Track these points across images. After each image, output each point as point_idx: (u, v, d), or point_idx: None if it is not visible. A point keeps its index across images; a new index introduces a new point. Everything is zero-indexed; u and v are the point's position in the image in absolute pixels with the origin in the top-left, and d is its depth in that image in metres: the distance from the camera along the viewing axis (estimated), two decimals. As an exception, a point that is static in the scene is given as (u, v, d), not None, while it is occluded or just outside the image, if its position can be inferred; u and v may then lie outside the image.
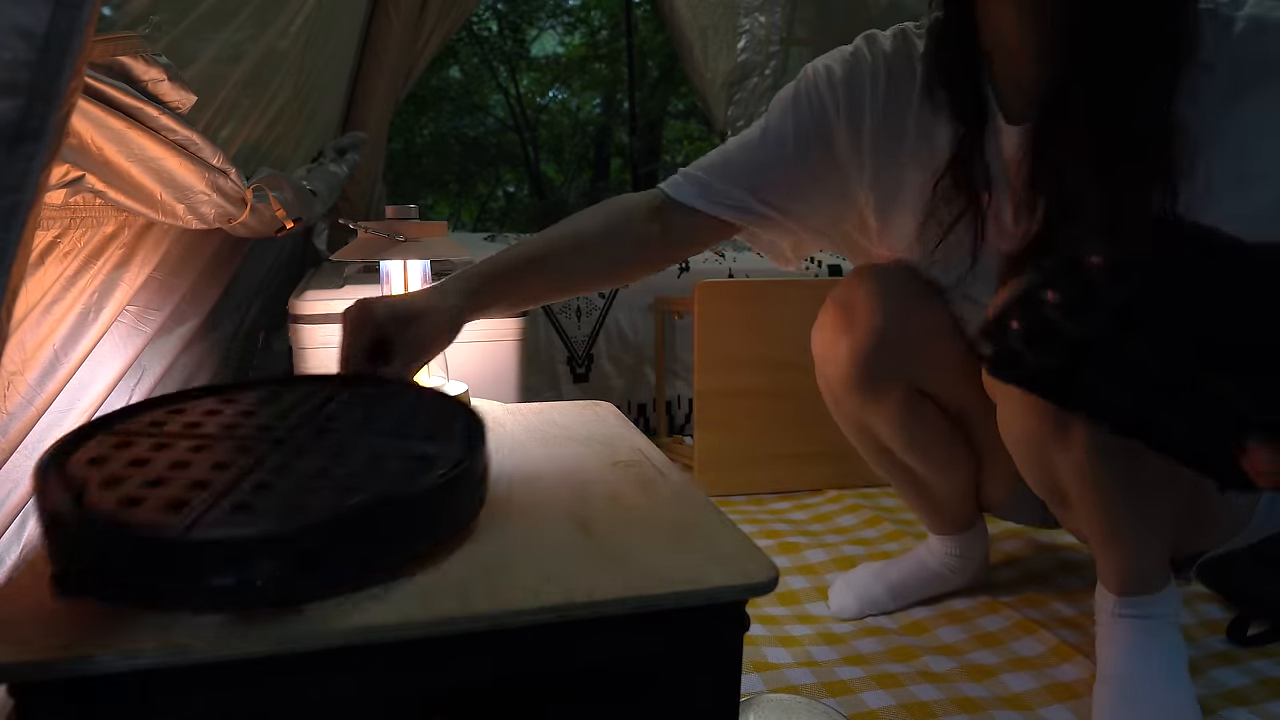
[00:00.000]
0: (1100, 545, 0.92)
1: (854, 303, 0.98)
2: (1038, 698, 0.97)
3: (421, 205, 1.20)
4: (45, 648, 0.43)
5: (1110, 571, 0.92)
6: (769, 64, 3.02)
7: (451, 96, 6.72)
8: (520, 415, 0.91)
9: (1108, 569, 0.93)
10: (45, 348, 0.94)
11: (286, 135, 1.59)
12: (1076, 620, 1.13)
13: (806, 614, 1.19)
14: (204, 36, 1.23)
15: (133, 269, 1.10)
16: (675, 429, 2.18)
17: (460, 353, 1.26)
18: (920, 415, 1.04)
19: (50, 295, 0.95)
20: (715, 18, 2.96)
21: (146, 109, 0.94)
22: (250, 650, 0.45)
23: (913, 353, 0.99)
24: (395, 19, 2.27)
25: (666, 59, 6.15)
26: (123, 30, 0.96)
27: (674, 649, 0.53)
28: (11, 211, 0.40)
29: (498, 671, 0.51)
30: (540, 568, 0.53)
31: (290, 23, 1.52)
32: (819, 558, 1.36)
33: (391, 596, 0.49)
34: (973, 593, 1.21)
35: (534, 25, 6.81)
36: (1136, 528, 0.88)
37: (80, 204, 0.97)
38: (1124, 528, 0.88)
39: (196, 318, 1.35)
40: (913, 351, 0.99)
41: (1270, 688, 0.98)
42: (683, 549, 0.57)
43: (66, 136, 0.87)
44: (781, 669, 1.03)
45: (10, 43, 0.39)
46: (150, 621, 0.46)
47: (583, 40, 6.90)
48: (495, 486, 0.68)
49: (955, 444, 1.07)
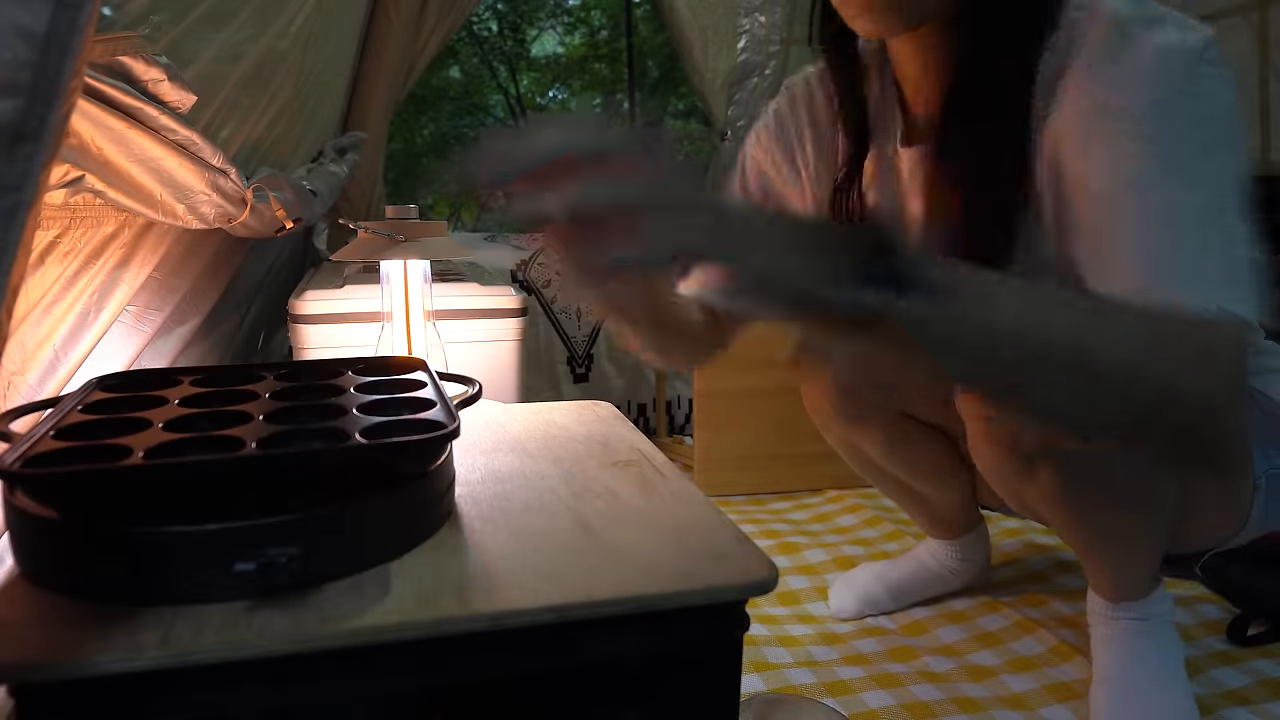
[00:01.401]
0: (1084, 559, 0.93)
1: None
2: (1038, 698, 0.97)
3: (421, 205, 1.20)
4: (45, 648, 0.43)
5: (1099, 580, 0.93)
6: (769, 64, 3.01)
7: (451, 96, 6.72)
8: (520, 415, 0.91)
9: (1096, 578, 0.93)
10: (45, 348, 0.94)
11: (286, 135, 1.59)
12: (1076, 620, 1.13)
13: (806, 614, 1.19)
14: (204, 36, 1.23)
15: (133, 269, 1.11)
16: (675, 429, 2.18)
17: (460, 353, 1.27)
18: (907, 437, 1.06)
19: (50, 295, 0.95)
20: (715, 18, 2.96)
21: (146, 109, 0.95)
22: (250, 651, 0.45)
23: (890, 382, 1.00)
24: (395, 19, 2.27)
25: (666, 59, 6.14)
26: (123, 30, 0.96)
27: (674, 649, 0.53)
28: (11, 211, 0.41)
29: (498, 671, 0.51)
30: (540, 568, 0.53)
31: (290, 23, 1.52)
32: (819, 558, 1.36)
33: (391, 596, 0.49)
34: (973, 593, 1.21)
35: (534, 25, 6.81)
36: (1116, 543, 0.88)
37: (80, 204, 0.97)
38: (1103, 545, 0.89)
39: (196, 318, 1.35)
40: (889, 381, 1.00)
41: (1270, 688, 0.98)
42: (682, 549, 0.57)
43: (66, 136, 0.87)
44: (781, 669, 1.03)
45: (10, 43, 0.39)
46: (150, 621, 0.46)
47: (583, 40, 6.90)
48: (495, 486, 0.68)
49: (945, 459, 1.08)
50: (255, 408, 0.63)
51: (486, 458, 0.75)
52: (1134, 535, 0.88)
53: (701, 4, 2.93)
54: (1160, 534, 0.88)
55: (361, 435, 0.57)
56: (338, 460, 0.55)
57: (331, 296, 1.40)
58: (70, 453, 0.53)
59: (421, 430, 0.58)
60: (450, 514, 0.62)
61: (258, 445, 0.54)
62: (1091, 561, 0.92)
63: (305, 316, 1.40)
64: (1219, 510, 0.89)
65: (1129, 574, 0.91)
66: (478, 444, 0.79)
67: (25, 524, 0.50)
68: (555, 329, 2.10)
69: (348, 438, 0.56)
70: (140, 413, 0.61)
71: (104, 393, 0.67)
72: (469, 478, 0.70)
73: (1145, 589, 0.92)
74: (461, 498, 0.65)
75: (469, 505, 0.63)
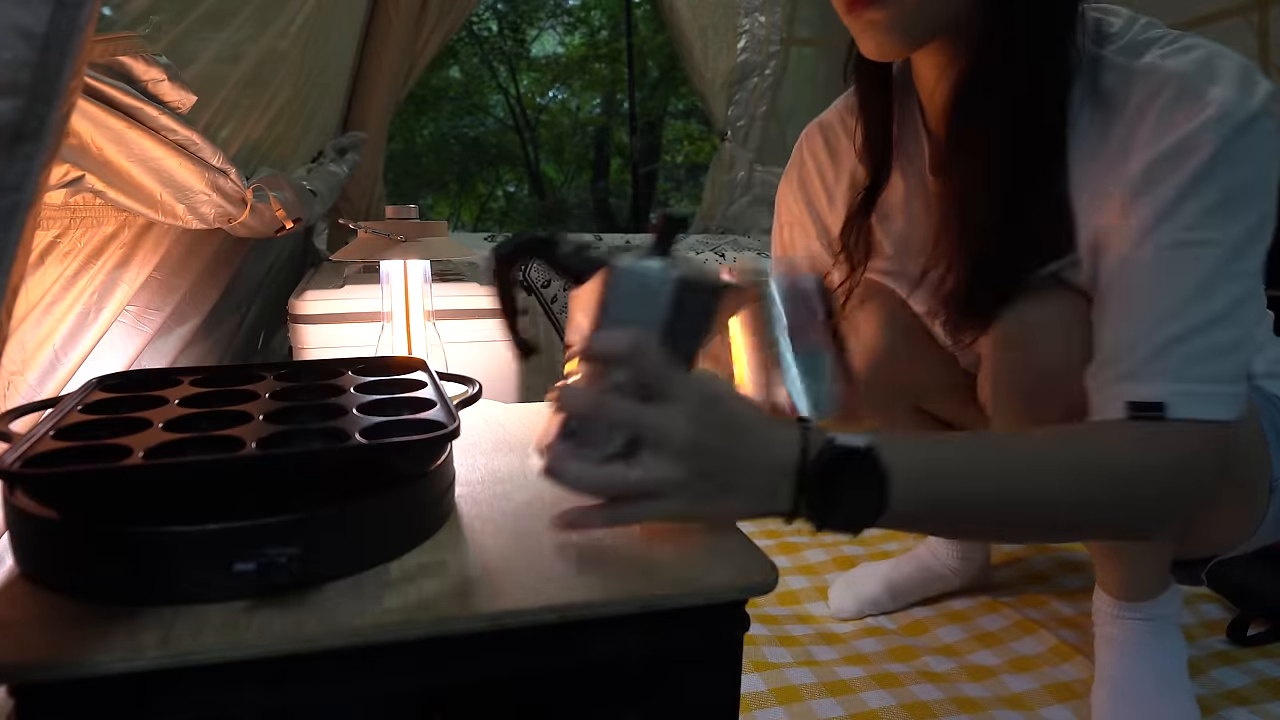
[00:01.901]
0: (1098, 556, 0.93)
1: (856, 325, 0.98)
2: (1038, 698, 0.97)
3: (421, 205, 1.20)
4: (45, 648, 0.43)
5: (1109, 579, 0.93)
6: (769, 64, 3.01)
7: (451, 96, 6.72)
8: (520, 415, 0.91)
9: (1107, 576, 0.93)
10: (45, 348, 0.94)
11: (286, 135, 1.59)
12: (1076, 620, 1.13)
13: (806, 614, 1.19)
14: (204, 36, 1.23)
15: (133, 269, 1.10)
16: (675, 429, 2.17)
17: (460, 353, 1.26)
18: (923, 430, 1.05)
19: (50, 295, 0.95)
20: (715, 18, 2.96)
21: (146, 109, 0.95)
22: (250, 651, 0.45)
23: (915, 372, 1.00)
24: (395, 19, 2.27)
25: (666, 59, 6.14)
26: (123, 30, 0.96)
27: (674, 649, 0.53)
28: (11, 211, 0.40)
29: (498, 671, 0.51)
30: (540, 568, 0.53)
31: (290, 23, 1.52)
32: (819, 558, 1.36)
33: (391, 596, 0.49)
34: (973, 593, 1.21)
35: (534, 25, 6.81)
36: (1132, 545, 0.88)
37: (80, 204, 0.97)
38: (1119, 545, 0.89)
39: (196, 318, 1.35)
40: (915, 370, 1.00)
41: (1270, 688, 0.98)
42: (682, 548, 0.57)
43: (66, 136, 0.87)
44: (781, 669, 1.03)
45: (10, 43, 0.39)
46: (150, 621, 0.46)
47: (583, 40, 6.90)
48: (495, 486, 0.68)
49: None
50: (255, 408, 0.63)
51: (486, 458, 0.75)
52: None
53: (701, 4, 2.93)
54: (1176, 531, 0.87)
55: (361, 435, 0.57)
56: (338, 460, 0.55)
57: (331, 296, 1.40)
58: (70, 453, 0.53)
59: (421, 430, 0.58)
60: (450, 514, 0.62)
61: (258, 445, 0.54)
62: (1105, 558, 0.92)
63: (305, 316, 1.40)
64: (1234, 510, 0.88)
65: (1141, 572, 0.91)
66: (478, 444, 0.79)
67: (25, 524, 0.50)
68: (555, 329, 2.10)
69: (348, 438, 0.56)
70: (140, 413, 0.61)
71: (104, 393, 0.67)
72: (469, 478, 0.70)
73: (1155, 589, 0.91)
74: (461, 498, 0.65)
75: (469, 505, 0.63)
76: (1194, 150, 0.64)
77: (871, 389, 1.00)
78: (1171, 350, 0.64)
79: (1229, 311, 0.64)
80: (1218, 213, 0.64)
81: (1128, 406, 0.65)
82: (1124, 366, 0.67)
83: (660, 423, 0.54)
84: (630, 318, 0.57)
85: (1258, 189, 0.65)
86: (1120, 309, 0.68)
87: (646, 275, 0.57)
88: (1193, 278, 0.64)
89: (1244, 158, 0.64)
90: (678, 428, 0.54)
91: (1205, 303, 0.64)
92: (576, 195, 6.96)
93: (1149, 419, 0.64)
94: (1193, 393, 0.64)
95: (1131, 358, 0.66)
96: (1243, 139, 0.64)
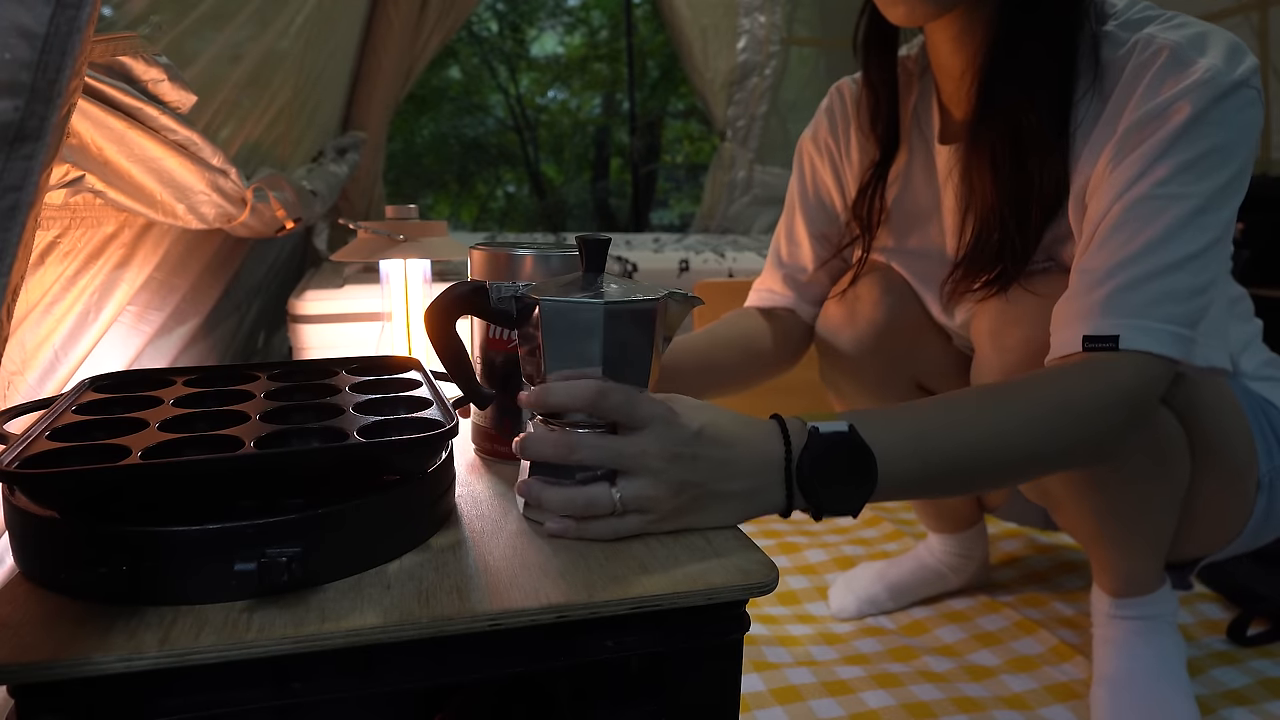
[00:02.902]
0: (1092, 549, 0.93)
1: (858, 296, 0.99)
2: (1038, 698, 0.97)
3: (421, 205, 1.20)
4: (45, 648, 0.43)
5: (1104, 574, 0.93)
6: (769, 64, 3.02)
7: (451, 96, 6.72)
8: (520, 415, 0.90)
9: (1101, 572, 0.93)
10: (45, 348, 0.94)
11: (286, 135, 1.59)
12: (1076, 620, 1.13)
13: (806, 614, 1.19)
14: (204, 36, 1.23)
15: (133, 269, 1.10)
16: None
17: (460, 353, 1.26)
18: None
19: (50, 295, 0.95)
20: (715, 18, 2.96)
21: (146, 109, 0.94)
22: (250, 651, 0.45)
23: (914, 346, 1.00)
24: (395, 19, 2.27)
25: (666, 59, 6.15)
26: (123, 30, 0.96)
27: (674, 649, 0.53)
28: (11, 211, 0.40)
29: (498, 671, 0.51)
30: (540, 568, 0.53)
31: (290, 23, 1.52)
32: (819, 558, 1.36)
33: (391, 596, 0.49)
34: (973, 593, 1.21)
35: (534, 25, 6.81)
36: (1127, 533, 0.88)
37: (80, 204, 0.97)
38: (1114, 533, 0.89)
39: (196, 318, 1.35)
40: (914, 345, 1.00)
41: (1270, 688, 0.98)
42: (682, 549, 0.57)
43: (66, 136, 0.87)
44: (781, 669, 1.03)
45: (10, 43, 0.39)
46: (150, 621, 0.46)
47: (583, 40, 6.90)
48: (495, 486, 0.68)
49: None
50: (251, 408, 0.63)
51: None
52: (1145, 525, 0.88)
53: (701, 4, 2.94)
54: (1170, 521, 0.88)
55: (359, 434, 0.57)
56: (339, 459, 0.55)
57: (331, 296, 1.40)
58: (68, 453, 0.53)
59: (419, 429, 0.58)
60: (451, 514, 0.62)
61: (255, 445, 0.54)
62: (1099, 551, 0.92)
63: (305, 316, 1.40)
64: (1221, 507, 0.88)
65: (1135, 565, 0.91)
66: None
67: (25, 524, 0.50)
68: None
69: (346, 437, 0.56)
70: (135, 413, 0.61)
71: (96, 393, 0.67)
72: (469, 477, 0.70)
73: (1149, 585, 0.91)
74: (461, 498, 0.65)
75: (469, 505, 0.63)
76: (1175, 111, 0.68)
77: (871, 365, 1.01)
78: (1130, 291, 0.68)
79: (1188, 261, 0.68)
80: (1190, 170, 0.68)
81: (1084, 340, 0.69)
82: (1084, 303, 0.70)
83: (634, 450, 0.56)
84: (569, 354, 0.59)
85: (1231, 153, 0.69)
86: (1088, 254, 0.72)
87: (575, 313, 0.58)
88: (1157, 227, 0.68)
89: (1221, 122, 0.68)
90: (652, 452, 0.56)
91: (1166, 250, 0.68)
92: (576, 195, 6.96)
93: (1102, 349, 0.68)
94: (1146, 328, 0.68)
95: (1091, 297, 0.70)
96: (1221, 105, 0.68)
